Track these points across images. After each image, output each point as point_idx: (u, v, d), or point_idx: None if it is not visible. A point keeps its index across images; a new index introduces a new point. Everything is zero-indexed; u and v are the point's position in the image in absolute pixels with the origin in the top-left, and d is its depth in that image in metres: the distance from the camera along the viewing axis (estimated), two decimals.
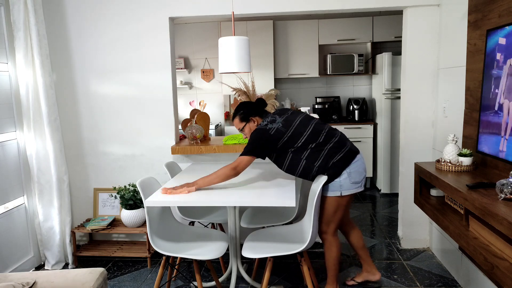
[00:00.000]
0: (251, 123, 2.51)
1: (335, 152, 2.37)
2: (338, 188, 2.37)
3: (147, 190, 2.39)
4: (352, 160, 2.40)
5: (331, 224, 2.46)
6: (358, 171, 2.40)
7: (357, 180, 2.40)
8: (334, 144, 2.39)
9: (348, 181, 2.37)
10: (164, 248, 2.32)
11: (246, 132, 2.53)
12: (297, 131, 2.37)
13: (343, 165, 2.37)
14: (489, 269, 1.72)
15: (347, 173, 2.37)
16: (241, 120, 2.51)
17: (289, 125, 2.38)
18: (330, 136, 2.41)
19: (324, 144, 2.38)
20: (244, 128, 2.52)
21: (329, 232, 2.48)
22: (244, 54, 2.64)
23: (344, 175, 2.36)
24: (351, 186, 2.39)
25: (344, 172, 2.37)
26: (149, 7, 3.25)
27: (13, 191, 3.04)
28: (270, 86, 5.34)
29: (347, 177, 2.37)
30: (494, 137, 2.08)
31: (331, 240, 2.48)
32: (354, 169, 2.39)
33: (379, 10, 3.27)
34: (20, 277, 2.07)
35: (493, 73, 2.11)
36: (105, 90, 3.39)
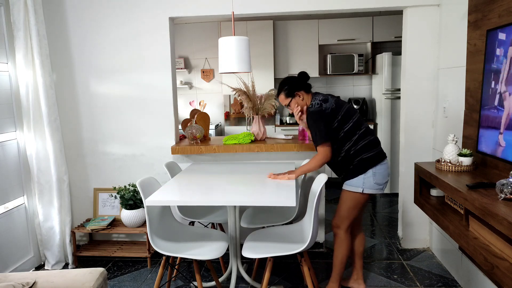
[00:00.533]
0: (297, 98, 2.50)
1: (367, 149, 2.40)
2: (361, 185, 2.40)
3: (147, 190, 2.39)
4: (381, 161, 2.43)
5: (345, 220, 2.48)
6: (383, 174, 2.43)
7: (380, 182, 2.42)
8: (369, 141, 2.43)
9: (372, 180, 2.39)
10: (164, 248, 2.32)
11: (293, 107, 2.52)
12: (347, 114, 2.42)
13: (371, 164, 2.39)
14: (489, 269, 1.72)
15: (373, 172, 2.39)
16: (287, 96, 2.50)
17: (340, 106, 2.43)
18: (367, 132, 2.45)
19: (363, 138, 2.42)
20: (291, 103, 2.51)
21: (343, 228, 2.49)
22: (244, 54, 2.64)
23: (369, 173, 2.39)
24: (373, 185, 2.41)
25: (370, 171, 2.39)
26: (149, 7, 3.25)
27: (13, 191, 3.04)
28: (270, 86, 5.34)
29: (372, 176, 2.39)
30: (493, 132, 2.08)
31: (343, 237, 2.50)
32: (380, 170, 2.41)
33: (379, 10, 3.27)
34: (20, 277, 2.07)
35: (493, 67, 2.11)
36: (105, 90, 3.39)
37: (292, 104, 2.51)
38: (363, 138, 2.42)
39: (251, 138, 3.30)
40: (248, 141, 3.26)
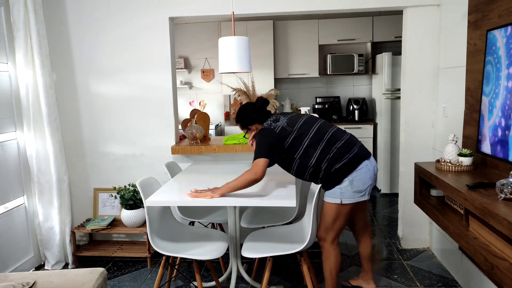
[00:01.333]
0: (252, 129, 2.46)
1: (339, 158, 2.23)
2: (338, 195, 2.24)
3: (147, 190, 2.39)
4: (356, 167, 2.23)
5: (330, 232, 2.33)
6: (361, 179, 2.23)
7: (360, 189, 2.24)
8: (339, 149, 2.25)
9: (349, 189, 2.22)
10: (164, 248, 2.32)
11: (250, 133, 2.49)
12: (302, 129, 2.28)
13: (345, 172, 2.22)
14: (489, 269, 1.72)
15: (349, 180, 2.22)
16: (242, 128, 2.49)
17: (293, 124, 2.30)
18: (335, 139, 2.28)
19: (328, 147, 2.25)
20: (248, 133, 2.50)
21: (328, 240, 2.35)
22: (244, 54, 2.64)
23: (345, 182, 2.22)
24: (352, 194, 2.24)
25: (346, 180, 2.22)
26: (149, 7, 3.25)
27: (13, 191, 3.04)
28: (270, 86, 5.34)
29: (349, 185, 2.22)
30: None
31: (328, 249, 2.36)
32: (357, 177, 2.23)
33: (379, 10, 3.27)
34: (20, 277, 2.07)
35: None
36: (105, 90, 3.39)
37: (249, 133, 2.49)
38: (328, 150, 2.25)
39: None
40: None
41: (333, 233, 2.34)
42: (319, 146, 2.25)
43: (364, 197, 2.28)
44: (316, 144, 2.26)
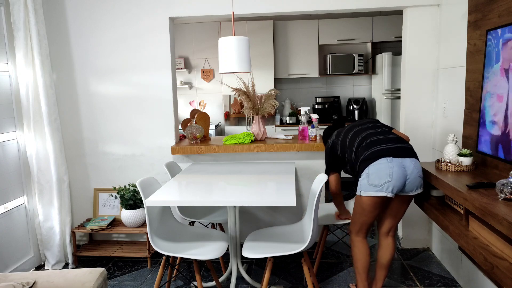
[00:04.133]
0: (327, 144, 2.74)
1: (362, 152, 2.36)
2: (358, 187, 2.35)
3: (147, 190, 2.39)
4: (373, 161, 2.29)
5: (354, 224, 2.45)
6: (377, 174, 2.26)
7: (375, 183, 2.26)
8: (365, 144, 2.38)
9: (365, 181, 2.30)
10: (164, 248, 2.32)
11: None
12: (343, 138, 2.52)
13: (364, 165, 2.32)
14: (489, 269, 1.72)
15: (366, 173, 2.30)
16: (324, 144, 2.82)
17: (338, 135, 2.57)
18: (364, 139, 2.42)
19: (359, 146, 2.41)
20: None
21: (352, 231, 2.47)
22: (244, 54, 2.64)
23: (363, 175, 2.32)
24: (368, 187, 2.29)
25: (364, 172, 2.31)
26: (149, 7, 3.25)
27: (13, 191, 3.04)
28: (270, 86, 5.34)
29: (365, 177, 2.30)
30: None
31: (353, 240, 2.47)
32: (373, 170, 2.27)
33: (379, 10, 3.27)
34: (20, 277, 2.07)
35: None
36: (105, 90, 3.39)
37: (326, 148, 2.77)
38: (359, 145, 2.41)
39: (251, 138, 3.30)
40: (248, 141, 3.26)
41: (356, 226, 2.43)
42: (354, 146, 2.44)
43: (382, 192, 2.26)
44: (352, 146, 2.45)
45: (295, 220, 3.31)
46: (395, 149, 2.31)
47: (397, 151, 2.30)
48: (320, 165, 3.30)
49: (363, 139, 2.42)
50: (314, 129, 3.27)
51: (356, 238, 2.46)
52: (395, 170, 2.24)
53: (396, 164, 2.25)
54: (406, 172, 2.26)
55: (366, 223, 2.41)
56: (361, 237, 2.46)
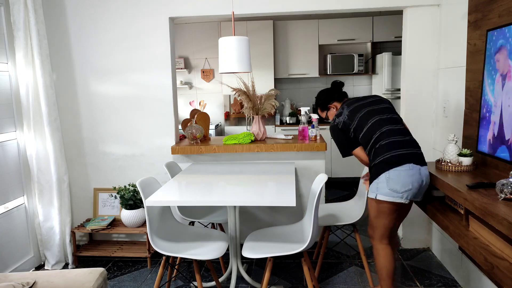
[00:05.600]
0: (332, 110, 2.63)
1: (381, 152, 2.25)
2: (374, 190, 2.26)
3: (147, 190, 2.39)
4: (396, 166, 2.20)
5: (375, 230, 2.35)
6: (400, 180, 2.19)
7: (396, 189, 2.19)
8: (385, 144, 2.26)
9: (385, 185, 2.20)
10: (164, 248, 2.32)
11: (330, 118, 2.66)
12: (361, 121, 2.37)
13: (383, 168, 2.22)
14: (489, 269, 1.72)
15: (386, 177, 2.21)
16: (322, 110, 2.67)
17: (354, 115, 2.40)
18: (384, 135, 2.28)
19: (377, 141, 2.29)
20: (328, 115, 2.67)
21: (374, 238, 2.37)
22: (244, 54, 2.64)
23: (382, 177, 2.22)
24: (388, 192, 2.20)
25: (383, 175, 2.21)
26: (149, 7, 3.25)
27: (13, 191, 3.04)
28: (270, 86, 5.34)
29: (385, 181, 2.21)
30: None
31: (376, 247, 2.37)
32: (394, 176, 2.19)
33: (379, 10, 3.27)
34: (20, 277, 2.07)
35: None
36: (105, 90, 3.39)
37: (329, 115, 2.66)
38: (378, 142, 2.28)
39: (251, 138, 3.30)
40: (248, 141, 3.26)
41: (378, 231, 2.34)
42: (371, 139, 2.33)
43: (401, 199, 2.21)
44: (369, 137, 2.34)
45: (295, 220, 3.30)
46: (413, 155, 2.25)
47: (415, 158, 2.25)
48: (320, 165, 3.30)
49: (382, 136, 2.28)
50: (314, 129, 3.27)
51: (380, 245, 2.35)
52: (415, 179, 2.21)
53: (416, 172, 2.21)
54: (422, 180, 2.24)
55: (387, 227, 2.31)
56: (385, 244, 2.34)
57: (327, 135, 5.26)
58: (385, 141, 2.27)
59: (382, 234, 2.33)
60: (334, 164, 5.32)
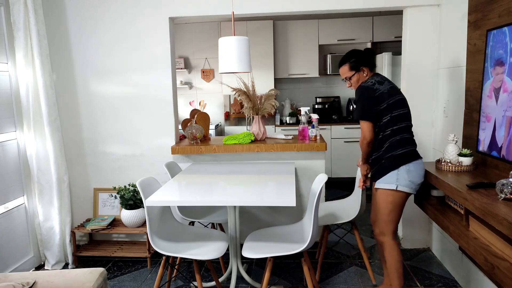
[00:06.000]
0: (361, 73, 2.41)
1: (401, 145, 2.26)
2: (394, 181, 2.25)
3: (147, 190, 2.39)
4: (415, 159, 2.28)
5: (389, 225, 2.32)
6: (418, 173, 2.28)
7: (414, 180, 2.27)
8: (406, 138, 2.29)
9: (406, 176, 2.24)
10: (164, 248, 2.32)
11: (353, 81, 2.43)
12: (396, 104, 2.28)
13: (404, 160, 2.25)
14: (489, 270, 1.72)
15: (406, 169, 2.25)
16: (351, 69, 2.41)
17: (392, 95, 2.29)
18: (406, 128, 2.32)
19: (399, 132, 2.28)
20: (353, 77, 2.42)
21: (387, 234, 2.33)
22: (244, 54, 2.64)
23: (402, 169, 2.25)
24: (408, 183, 2.25)
25: (403, 167, 2.25)
26: (149, 7, 3.25)
27: (13, 191, 3.04)
28: (270, 86, 5.34)
29: (406, 172, 2.24)
30: None
31: (390, 244, 2.33)
32: (414, 167, 2.26)
33: (379, 10, 3.27)
34: (20, 277, 2.07)
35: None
36: (105, 90, 3.39)
37: (354, 78, 2.42)
38: (400, 133, 2.28)
39: (251, 138, 3.30)
40: (248, 141, 3.26)
41: (392, 225, 2.32)
42: (395, 126, 2.29)
43: (414, 191, 2.31)
44: (395, 123, 2.29)
45: (295, 220, 3.30)
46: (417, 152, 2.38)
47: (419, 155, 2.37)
48: (320, 165, 3.30)
49: (404, 130, 2.29)
50: (314, 129, 3.27)
51: (393, 241, 2.34)
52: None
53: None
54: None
55: (398, 220, 2.35)
56: (396, 239, 2.35)
57: (327, 135, 5.27)
58: (406, 136, 2.29)
59: (394, 229, 2.33)
60: (334, 164, 5.32)
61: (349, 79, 2.44)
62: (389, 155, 2.28)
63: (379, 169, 2.35)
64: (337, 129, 5.28)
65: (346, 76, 2.45)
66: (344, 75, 2.45)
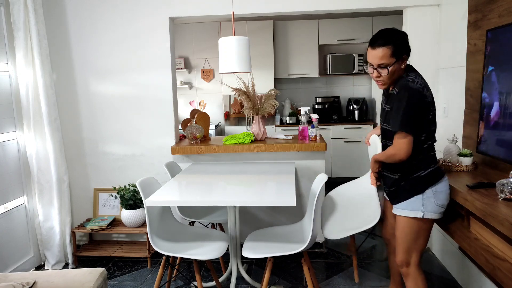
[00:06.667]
0: (400, 63, 1.86)
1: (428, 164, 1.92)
2: (420, 208, 1.92)
3: (147, 190, 2.39)
4: (442, 177, 1.94)
5: (413, 254, 2.00)
6: (446, 194, 1.94)
7: (443, 203, 1.94)
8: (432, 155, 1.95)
9: (433, 200, 1.91)
10: (164, 248, 2.32)
11: (389, 73, 1.85)
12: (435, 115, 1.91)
13: (430, 182, 1.91)
14: (490, 271, 1.71)
15: (433, 191, 1.91)
16: (393, 55, 1.82)
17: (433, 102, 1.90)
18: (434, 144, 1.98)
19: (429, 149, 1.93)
20: (391, 67, 1.84)
21: (413, 263, 2.01)
22: (244, 54, 2.64)
23: (428, 192, 1.91)
24: (436, 208, 1.92)
25: (429, 190, 1.91)
26: (149, 7, 3.25)
27: (13, 191, 3.04)
28: (270, 86, 5.34)
29: (433, 196, 1.91)
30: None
31: (415, 274, 2.02)
32: (441, 188, 1.93)
33: (379, 10, 3.27)
34: (20, 277, 2.07)
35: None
36: (105, 90, 3.39)
37: (393, 68, 1.84)
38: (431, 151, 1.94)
39: (251, 138, 3.30)
40: (248, 141, 3.26)
41: (418, 253, 2.01)
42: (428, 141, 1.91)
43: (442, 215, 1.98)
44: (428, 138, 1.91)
45: (295, 220, 3.30)
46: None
47: None
48: (320, 165, 3.29)
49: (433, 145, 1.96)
50: (314, 129, 3.27)
51: (419, 270, 2.03)
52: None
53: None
54: None
55: (425, 247, 2.06)
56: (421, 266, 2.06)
57: (327, 135, 5.27)
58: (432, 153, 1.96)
59: (420, 257, 2.02)
60: (334, 164, 5.32)
61: (385, 67, 1.84)
62: (415, 176, 1.93)
63: (399, 191, 2.00)
64: (337, 129, 5.28)
65: (383, 63, 1.84)
66: (381, 60, 1.84)
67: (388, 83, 1.94)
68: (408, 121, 1.81)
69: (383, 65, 1.85)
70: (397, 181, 2.00)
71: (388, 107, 1.98)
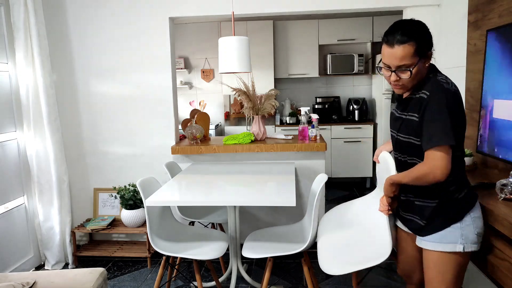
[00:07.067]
0: (424, 62, 1.53)
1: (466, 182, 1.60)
2: (459, 240, 1.54)
3: (147, 190, 2.39)
4: (476, 199, 1.60)
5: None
6: (481, 218, 1.60)
7: (481, 232, 1.58)
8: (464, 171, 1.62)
9: (472, 229, 1.55)
10: (164, 248, 2.32)
11: (413, 74, 1.51)
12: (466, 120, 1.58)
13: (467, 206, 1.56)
14: (489, 270, 1.72)
15: (471, 217, 1.55)
16: (417, 53, 1.48)
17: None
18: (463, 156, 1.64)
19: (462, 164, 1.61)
20: (414, 67, 1.50)
21: None
22: (244, 54, 2.64)
23: (467, 219, 1.54)
24: (475, 238, 1.55)
25: (468, 216, 1.55)
26: (149, 7, 3.25)
27: (13, 191, 3.04)
28: (270, 86, 5.34)
29: (472, 223, 1.55)
30: None
31: None
32: (478, 213, 1.58)
33: (379, 10, 3.27)
34: (20, 277, 2.07)
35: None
36: (105, 90, 3.39)
37: (415, 69, 1.50)
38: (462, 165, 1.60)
39: (251, 138, 3.30)
40: (248, 141, 3.26)
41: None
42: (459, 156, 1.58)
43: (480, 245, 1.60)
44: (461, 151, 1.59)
45: (295, 220, 3.30)
46: None
47: None
48: (320, 165, 3.29)
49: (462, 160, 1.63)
50: (314, 129, 3.27)
51: None
52: None
53: None
54: None
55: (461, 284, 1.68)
56: None
57: (327, 135, 5.27)
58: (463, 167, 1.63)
59: None
60: (334, 164, 5.32)
61: (407, 69, 1.50)
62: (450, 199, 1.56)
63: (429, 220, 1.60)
64: (337, 129, 5.28)
65: (404, 64, 1.50)
66: (402, 61, 1.49)
67: (408, 87, 1.58)
68: (449, 131, 1.44)
69: (404, 67, 1.51)
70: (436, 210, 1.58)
71: (410, 115, 1.57)
